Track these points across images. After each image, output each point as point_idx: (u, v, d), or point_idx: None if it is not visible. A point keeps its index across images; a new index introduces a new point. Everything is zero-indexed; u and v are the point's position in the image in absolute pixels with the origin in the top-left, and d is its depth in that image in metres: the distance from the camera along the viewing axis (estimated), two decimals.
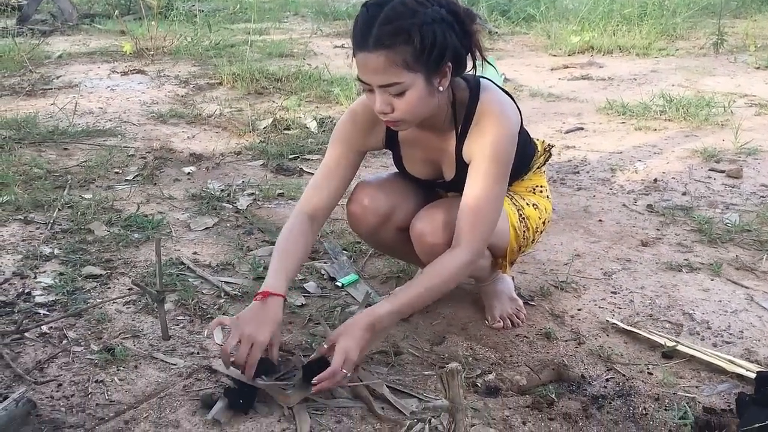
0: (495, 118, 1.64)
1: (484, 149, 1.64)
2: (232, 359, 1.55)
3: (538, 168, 1.96)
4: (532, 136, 1.93)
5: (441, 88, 1.57)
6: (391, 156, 1.87)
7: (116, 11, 6.87)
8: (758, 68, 5.18)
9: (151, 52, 5.76)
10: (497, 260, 1.91)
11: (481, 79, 1.70)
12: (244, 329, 1.55)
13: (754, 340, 1.87)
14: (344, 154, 1.79)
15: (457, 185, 1.77)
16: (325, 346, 1.59)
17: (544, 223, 1.94)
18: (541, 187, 1.96)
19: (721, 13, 6.40)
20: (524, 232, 1.87)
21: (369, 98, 1.58)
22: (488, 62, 1.66)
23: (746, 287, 2.14)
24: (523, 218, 1.87)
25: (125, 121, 3.94)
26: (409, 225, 1.80)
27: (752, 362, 1.75)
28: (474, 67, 1.65)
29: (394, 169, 1.91)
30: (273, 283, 1.65)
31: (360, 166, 1.87)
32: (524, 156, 1.85)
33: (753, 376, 1.65)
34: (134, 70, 5.30)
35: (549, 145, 1.99)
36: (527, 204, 1.89)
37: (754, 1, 7.86)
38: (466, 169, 1.70)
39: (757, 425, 1.43)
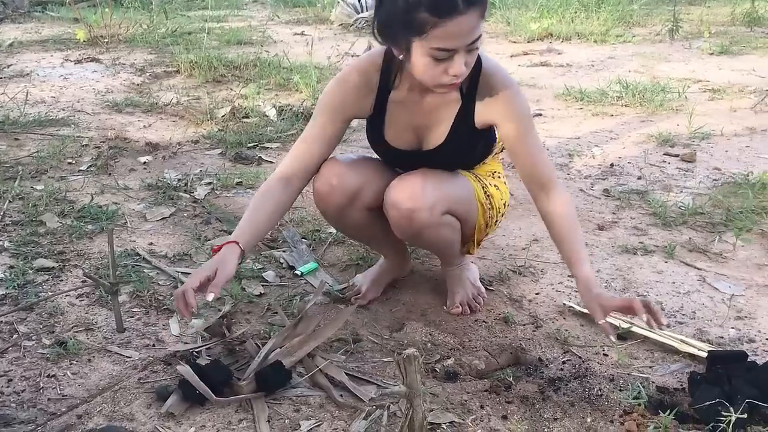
0: (511, 83, 1.71)
1: (513, 112, 1.70)
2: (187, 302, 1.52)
3: (495, 154, 1.97)
4: None
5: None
6: (367, 131, 1.85)
7: None
8: (712, 54, 5.27)
9: (106, 40, 5.63)
10: (466, 240, 1.91)
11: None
12: (197, 272, 1.56)
13: (705, 320, 1.91)
14: (330, 122, 1.77)
15: (435, 156, 1.77)
16: (603, 320, 1.59)
17: (505, 204, 1.96)
18: (499, 173, 1.98)
19: (677, 0, 6.50)
20: (489, 209, 1.89)
21: (438, 68, 1.52)
22: None
23: (699, 269, 2.18)
24: (489, 195, 1.89)
25: (79, 111, 3.86)
26: (377, 204, 1.80)
27: (704, 342, 1.78)
28: None
29: (363, 153, 1.89)
30: (234, 234, 1.65)
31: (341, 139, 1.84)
32: (490, 141, 1.86)
33: (704, 355, 1.69)
34: (88, 58, 5.18)
35: None
36: (490, 184, 1.91)
37: None
38: (460, 134, 1.74)
39: (708, 403, 1.46)
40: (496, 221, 1.96)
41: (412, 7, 1.46)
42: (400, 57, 1.58)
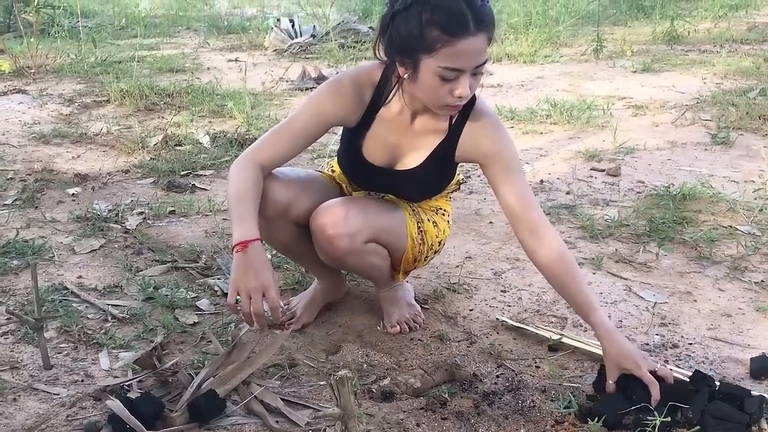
0: (496, 125, 1.75)
1: (501, 153, 1.73)
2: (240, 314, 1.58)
3: (447, 194, 2.01)
4: None
5: None
6: (342, 138, 1.86)
7: None
8: (635, 72, 5.47)
9: (33, 71, 5.49)
10: (395, 266, 1.93)
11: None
12: (247, 284, 1.57)
13: (632, 328, 1.97)
14: (314, 123, 1.76)
15: (407, 178, 1.79)
16: (612, 381, 1.60)
17: (440, 243, 1.98)
18: (444, 210, 2.01)
19: (600, 21, 6.74)
20: (420, 245, 1.91)
21: (443, 89, 1.56)
22: None
23: (625, 278, 2.25)
24: (422, 231, 1.91)
25: (3, 143, 3.75)
26: (306, 221, 1.80)
27: None
28: None
29: (302, 168, 1.90)
30: (245, 230, 1.62)
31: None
32: (445, 177, 1.89)
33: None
34: (14, 89, 5.05)
35: (463, 179, 2.05)
36: (428, 219, 1.93)
37: (630, 9, 8.31)
38: (435, 165, 1.77)
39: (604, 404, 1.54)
40: (427, 257, 1.97)
41: (426, 25, 1.51)
42: (405, 76, 1.61)
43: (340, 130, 1.89)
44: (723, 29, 6.99)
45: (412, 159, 1.80)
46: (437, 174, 1.84)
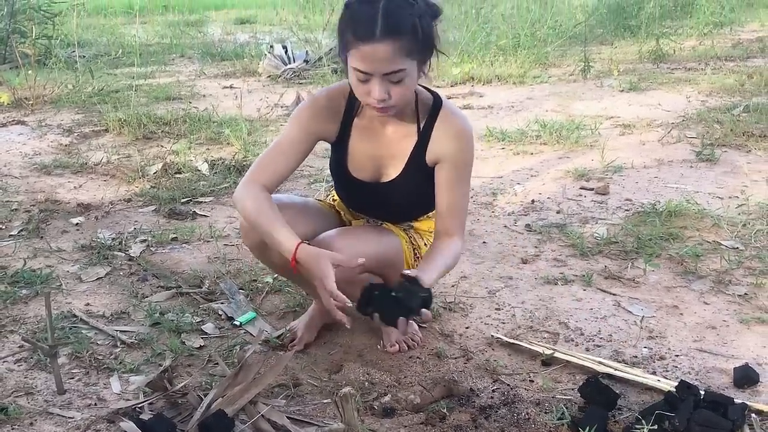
0: (464, 127, 1.83)
1: (455, 155, 1.81)
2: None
3: None
4: None
5: (423, 74, 1.72)
6: (330, 162, 1.95)
7: None
8: (622, 91, 5.60)
9: (31, 102, 5.59)
10: None
11: (439, 93, 1.87)
12: (321, 270, 1.67)
13: (621, 341, 2.05)
14: (299, 137, 1.86)
15: (392, 189, 1.87)
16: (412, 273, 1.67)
17: None
18: None
19: (587, 41, 6.89)
20: None
21: (362, 89, 1.67)
22: (444, 54, 1.81)
23: (614, 294, 2.34)
24: (419, 258, 1.98)
25: (6, 175, 3.83)
26: None
27: (619, 362, 1.93)
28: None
29: (299, 196, 1.98)
30: (286, 244, 1.73)
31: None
32: (430, 185, 1.93)
33: (619, 374, 1.83)
34: (13, 121, 5.13)
35: None
36: (425, 245, 2.01)
37: (616, 29, 8.48)
38: (414, 171, 1.84)
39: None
40: None
41: (344, 27, 1.64)
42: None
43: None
44: (708, 47, 7.14)
45: (393, 168, 1.89)
46: (420, 181, 1.89)
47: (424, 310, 1.64)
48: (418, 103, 1.83)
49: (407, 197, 1.94)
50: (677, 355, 1.97)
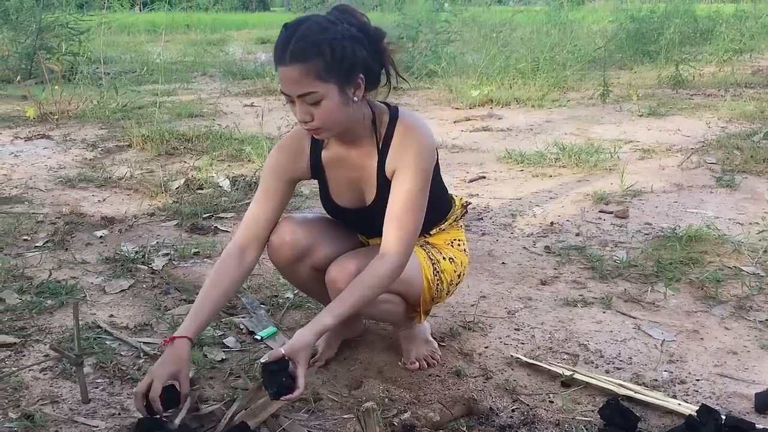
0: (414, 133, 1.80)
1: (406, 160, 1.78)
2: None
3: (455, 221, 2.09)
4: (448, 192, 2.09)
5: (356, 98, 1.72)
6: (319, 195, 1.98)
7: (18, 76, 6.75)
8: (641, 116, 5.62)
9: (56, 117, 5.69)
10: (413, 309, 2.02)
11: (399, 106, 1.88)
12: (153, 371, 1.69)
13: (641, 365, 2.05)
14: (274, 185, 1.91)
15: (376, 210, 1.86)
16: (283, 351, 1.66)
17: (459, 276, 2.06)
18: (459, 240, 2.09)
19: (606, 65, 6.92)
20: (438, 285, 1.99)
21: (292, 109, 1.72)
22: (402, 78, 1.84)
23: (634, 317, 2.34)
24: (438, 272, 1.98)
25: (32, 187, 3.90)
26: (325, 266, 1.89)
27: (640, 385, 1.92)
28: (389, 82, 1.81)
29: (323, 212, 2.02)
30: (182, 327, 1.78)
31: (291, 197, 1.99)
32: (439, 201, 1.98)
33: (640, 397, 1.83)
34: (39, 135, 5.23)
35: (467, 201, 2.15)
36: (443, 258, 2.01)
37: (635, 54, 8.52)
38: (386, 188, 1.83)
39: None
40: (448, 292, 2.05)
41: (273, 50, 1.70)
42: None
43: None
44: (727, 73, 7.16)
45: (369, 192, 1.90)
46: None
47: (285, 396, 1.63)
48: (376, 120, 1.84)
49: None
50: (698, 380, 1.97)
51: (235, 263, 1.86)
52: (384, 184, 1.85)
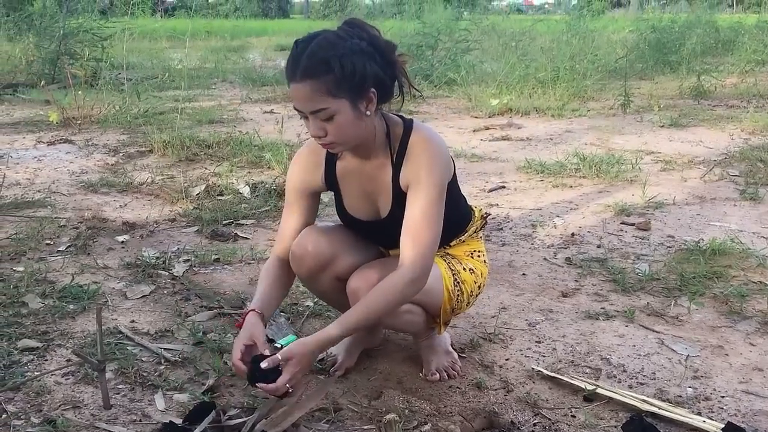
0: (428, 146, 1.80)
1: (420, 174, 1.78)
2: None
3: (475, 232, 2.08)
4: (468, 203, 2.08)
5: (368, 113, 1.72)
6: (335, 206, 1.99)
7: (41, 81, 6.84)
8: (662, 127, 5.58)
9: (78, 122, 5.75)
10: (433, 319, 2.02)
11: (414, 119, 1.87)
12: (236, 344, 1.78)
13: (665, 380, 2.02)
14: (296, 200, 1.96)
15: (392, 222, 1.86)
16: (279, 357, 1.70)
17: (479, 287, 2.05)
18: (479, 252, 2.08)
19: (627, 75, 6.89)
20: (458, 295, 1.98)
21: (306, 125, 1.73)
22: (416, 89, 1.85)
23: (657, 332, 2.31)
24: (458, 282, 1.98)
25: (54, 192, 3.93)
26: (347, 276, 1.89)
27: (664, 401, 1.90)
28: (402, 93, 1.81)
29: (345, 228, 2.01)
30: (251, 305, 1.87)
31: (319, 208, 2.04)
32: (458, 213, 1.97)
33: (664, 414, 1.80)
34: (61, 139, 5.28)
35: (486, 213, 2.15)
36: (464, 269, 2.00)
37: (656, 64, 8.47)
38: (401, 201, 1.82)
39: None
40: (468, 303, 2.04)
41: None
42: None
43: None
44: (750, 84, 7.10)
45: (384, 203, 1.90)
46: None
47: (260, 384, 1.70)
48: (390, 133, 1.83)
49: None
50: (723, 396, 1.94)
51: (278, 266, 1.96)
52: (399, 197, 1.85)
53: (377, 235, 2.01)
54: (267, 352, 1.74)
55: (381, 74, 1.71)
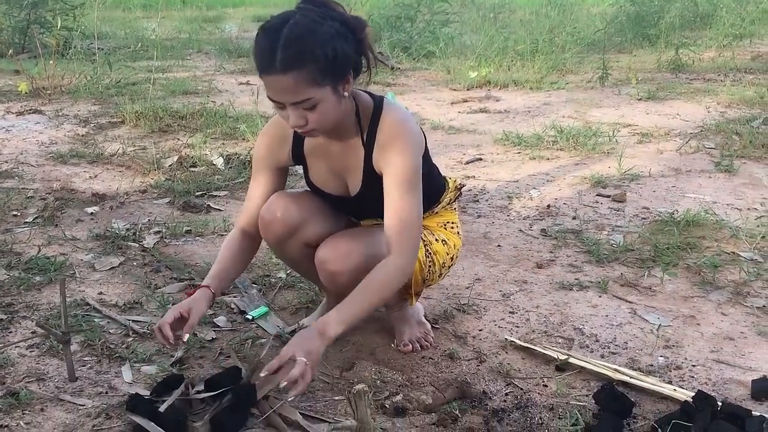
0: (400, 128, 1.76)
1: (395, 158, 1.74)
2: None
3: (449, 204, 2.05)
4: (442, 174, 2.05)
5: (345, 94, 1.68)
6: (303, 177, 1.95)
7: (10, 50, 6.65)
8: (639, 100, 5.57)
9: (49, 92, 5.61)
10: (405, 290, 1.99)
11: (383, 97, 1.83)
12: (172, 310, 1.73)
13: (636, 350, 2.03)
14: (263, 175, 1.92)
15: (362, 201, 1.85)
16: (275, 363, 1.57)
17: (452, 258, 2.03)
18: (453, 223, 2.06)
19: (605, 48, 6.85)
20: (430, 266, 1.96)
21: (281, 114, 1.67)
22: (383, 62, 1.79)
23: (630, 302, 2.32)
24: (430, 253, 1.96)
25: (23, 163, 3.84)
26: (316, 243, 1.86)
27: (635, 370, 1.90)
28: (369, 69, 1.75)
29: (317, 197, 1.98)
30: (205, 280, 1.84)
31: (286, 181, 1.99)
32: (432, 185, 1.94)
33: (635, 383, 1.81)
34: (30, 110, 5.16)
35: (460, 183, 2.11)
36: (436, 240, 1.99)
37: (635, 37, 8.44)
38: (373, 181, 1.79)
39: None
40: (440, 274, 2.03)
41: (253, 54, 1.62)
42: None
43: None
44: (727, 58, 7.10)
45: (354, 183, 1.86)
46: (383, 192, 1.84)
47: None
48: (360, 112, 1.78)
49: (382, 206, 1.84)
50: (694, 365, 1.95)
51: (241, 238, 1.92)
52: (371, 177, 1.81)
53: (346, 209, 1.98)
54: (185, 335, 1.70)
55: (354, 55, 1.67)
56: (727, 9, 8.76)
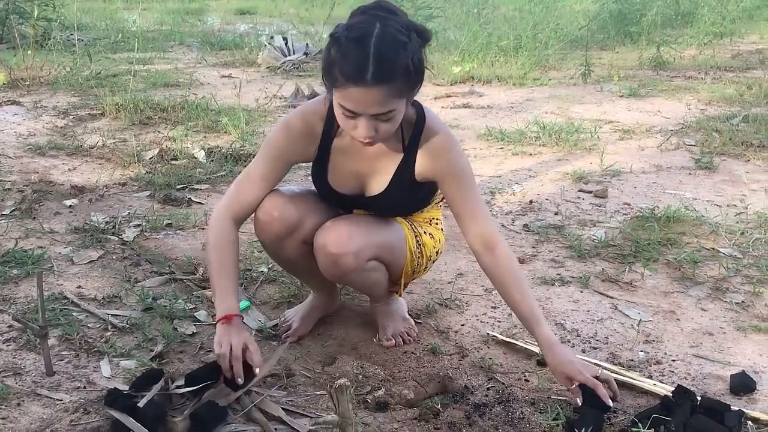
0: (446, 143, 1.80)
1: (452, 169, 1.80)
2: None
3: (436, 203, 2.06)
4: None
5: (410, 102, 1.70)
6: (312, 172, 1.91)
7: None
8: (621, 96, 5.59)
9: (27, 83, 5.54)
10: (393, 282, 1.99)
11: (423, 106, 1.82)
12: (230, 338, 1.69)
13: (617, 344, 2.04)
14: (274, 165, 1.85)
15: (377, 202, 1.85)
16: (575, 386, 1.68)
17: (437, 253, 2.05)
18: (437, 219, 2.07)
19: (588, 45, 6.88)
20: (419, 257, 1.97)
21: (347, 123, 1.63)
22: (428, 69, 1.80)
23: (611, 297, 2.33)
24: (420, 244, 1.97)
25: (0, 154, 3.78)
26: (312, 240, 1.85)
27: (616, 365, 1.91)
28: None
29: (309, 185, 1.97)
30: (228, 306, 1.75)
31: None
32: (417, 196, 1.94)
33: (615, 377, 1.81)
34: (8, 101, 5.08)
35: None
36: (424, 232, 1.99)
37: (617, 35, 8.48)
38: (401, 184, 1.81)
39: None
40: (426, 267, 2.04)
41: (333, 62, 1.58)
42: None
43: None
44: (708, 56, 7.15)
45: (378, 184, 1.86)
46: (407, 195, 1.88)
47: None
48: (403, 120, 1.76)
49: (393, 208, 1.93)
50: (674, 360, 1.96)
51: (233, 230, 1.85)
52: (401, 180, 1.82)
53: (350, 207, 1.96)
54: (255, 369, 1.69)
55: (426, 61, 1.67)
56: (709, 7, 8.81)
